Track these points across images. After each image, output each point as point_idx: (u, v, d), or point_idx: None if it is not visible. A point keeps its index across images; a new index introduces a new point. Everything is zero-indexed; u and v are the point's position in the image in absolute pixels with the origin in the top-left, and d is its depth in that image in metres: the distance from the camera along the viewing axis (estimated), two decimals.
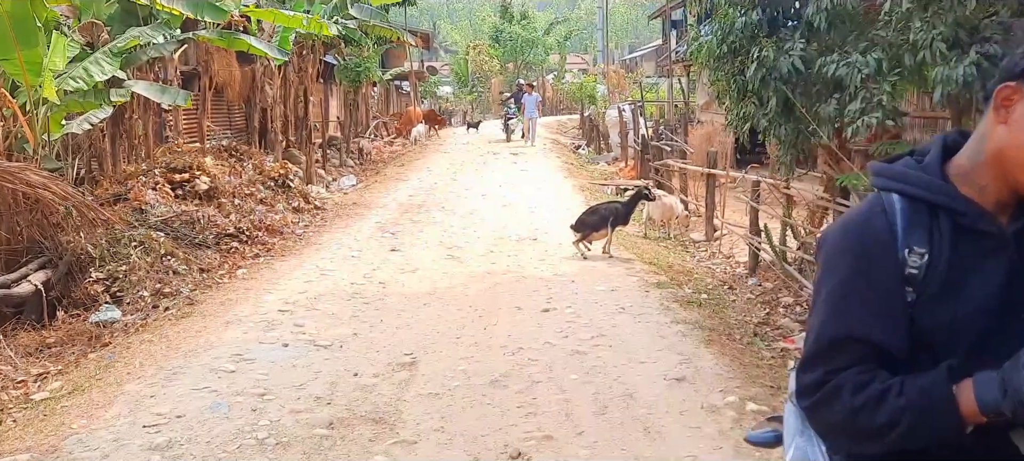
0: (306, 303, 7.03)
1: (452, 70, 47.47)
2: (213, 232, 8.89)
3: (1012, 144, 1.31)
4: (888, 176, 1.46)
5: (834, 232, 1.49)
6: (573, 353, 5.71)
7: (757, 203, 8.75)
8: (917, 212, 1.40)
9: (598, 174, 17.87)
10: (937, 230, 1.38)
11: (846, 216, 1.50)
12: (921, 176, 1.42)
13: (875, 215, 1.42)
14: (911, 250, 1.37)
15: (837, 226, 1.50)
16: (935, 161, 1.43)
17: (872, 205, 1.45)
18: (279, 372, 5.37)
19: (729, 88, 6.99)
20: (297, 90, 17.26)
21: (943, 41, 5.43)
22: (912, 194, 1.41)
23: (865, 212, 1.45)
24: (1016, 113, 1.31)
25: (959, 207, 1.37)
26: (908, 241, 1.38)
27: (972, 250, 1.37)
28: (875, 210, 1.43)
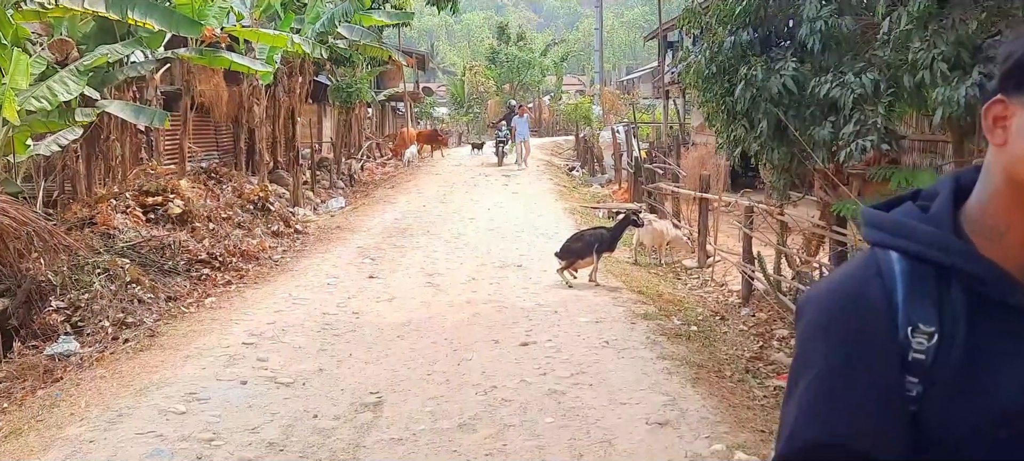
0: (273, 335, 6.66)
1: (448, 91, 47.28)
2: (184, 258, 8.53)
3: (1016, 161, 1.02)
4: (885, 228, 1.12)
5: (816, 301, 1.13)
6: (550, 392, 5.34)
7: (751, 229, 8.41)
8: (922, 277, 1.07)
9: (590, 197, 17.54)
10: (949, 301, 1.05)
11: (831, 280, 1.16)
12: (927, 230, 1.08)
13: (868, 281, 1.08)
14: (915, 328, 1.05)
15: (820, 293, 1.15)
16: (945, 208, 1.10)
17: (865, 267, 1.11)
18: (233, 414, 5.00)
19: (718, 110, 6.67)
20: (286, 110, 16.99)
21: (944, 61, 5.11)
22: (916, 253, 1.08)
23: (856, 277, 1.11)
24: (1013, 127, 1.04)
25: (978, 271, 1.04)
26: (911, 316, 1.05)
27: (998, 328, 1.03)
28: (868, 274, 1.09)
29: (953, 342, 1.04)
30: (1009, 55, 1.06)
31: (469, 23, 79.96)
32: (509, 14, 79.37)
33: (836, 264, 6.54)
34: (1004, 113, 1.04)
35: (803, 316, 1.14)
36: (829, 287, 1.13)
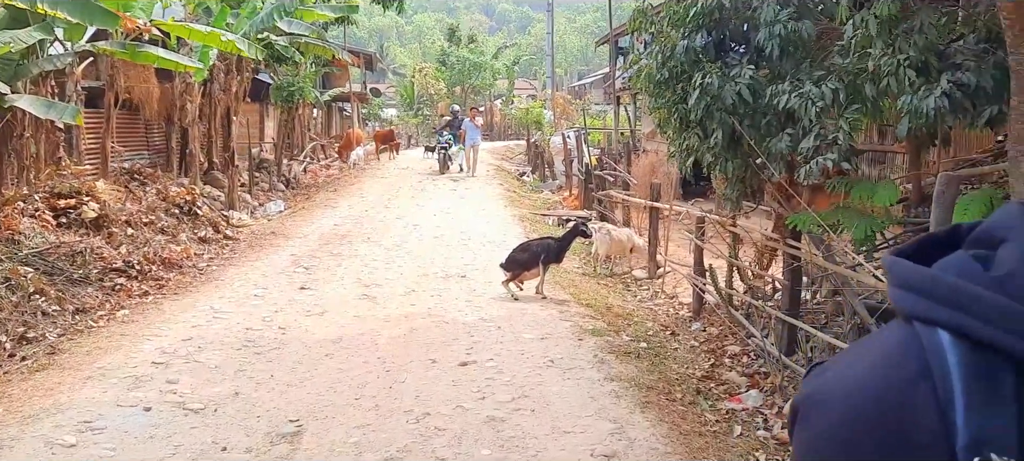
0: (187, 353, 6.08)
1: (398, 92, 46.58)
2: (97, 266, 7.86)
3: None
4: (936, 296, 0.69)
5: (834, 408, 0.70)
6: (488, 420, 4.90)
7: (702, 240, 8.09)
8: (995, 377, 0.65)
9: (541, 203, 17.16)
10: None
11: (853, 375, 0.71)
12: (1007, 305, 0.66)
13: (911, 385, 0.66)
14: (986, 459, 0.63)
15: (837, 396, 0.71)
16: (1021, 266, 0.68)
17: (903, 358, 0.68)
18: (131, 445, 4.45)
19: (670, 117, 6.32)
20: (222, 109, 16.25)
21: (912, 68, 4.82)
22: (987, 339, 0.66)
23: (891, 375, 0.68)
24: None
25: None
26: (978, 442, 0.64)
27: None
28: (909, 373, 0.67)
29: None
30: None
31: (420, 24, 79.35)
32: (461, 16, 78.97)
33: (789, 279, 6.24)
34: None
35: (810, 422, 0.72)
36: (855, 385, 0.71)
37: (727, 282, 7.50)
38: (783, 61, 5.79)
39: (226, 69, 15.93)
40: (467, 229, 12.40)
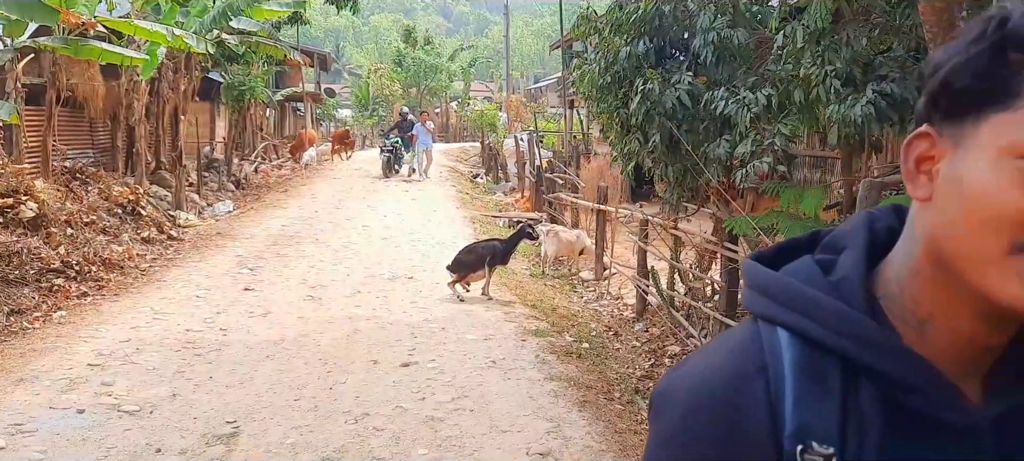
0: (125, 354, 6.01)
1: (353, 93, 46.24)
2: (34, 267, 7.69)
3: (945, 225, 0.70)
4: (775, 296, 0.77)
5: (677, 403, 0.78)
6: (427, 420, 4.95)
7: (645, 242, 8.24)
8: (822, 373, 0.73)
9: (493, 205, 17.23)
10: (856, 410, 0.73)
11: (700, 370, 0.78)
12: (834, 307, 0.74)
13: (747, 382, 0.74)
14: (807, 448, 0.71)
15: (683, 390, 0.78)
16: (857, 272, 0.76)
17: (744, 355, 0.76)
18: (61, 448, 4.39)
19: (612, 121, 6.44)
20: (170, 108, 15.98)
21: (837, 77, 5.00)
22: (817, 339, 0.74)
23: (730, 372, 0.75)
24: (940, 177, 0.71)
25: (904, 375, 0.72)
26: (803, 431, 0.72)
27: (920, 450, 0.73)
28: (748, 369, 0.75)
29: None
30: (936, 69, 0.73)
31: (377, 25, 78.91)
32: (418, 18, 78.74)
33: (727, 281, 6.40)
34: (930, 152, 0.73)
35: (661, 415, 0.79)
36: (698, 380, 0.78)
37: (669, 284, 7.65)
38: (719, 68, 5.95)
39: (174, 67, 15.67)
40: (417, 230, 12.41)
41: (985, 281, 0.67)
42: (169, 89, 15.80)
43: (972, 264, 0.68)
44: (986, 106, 0.68)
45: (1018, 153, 0.65)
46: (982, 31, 0.69)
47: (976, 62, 0.68)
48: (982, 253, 0.67)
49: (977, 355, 0.74)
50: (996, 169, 0.66)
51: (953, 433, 0.72)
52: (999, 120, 0.67)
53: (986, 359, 0.75)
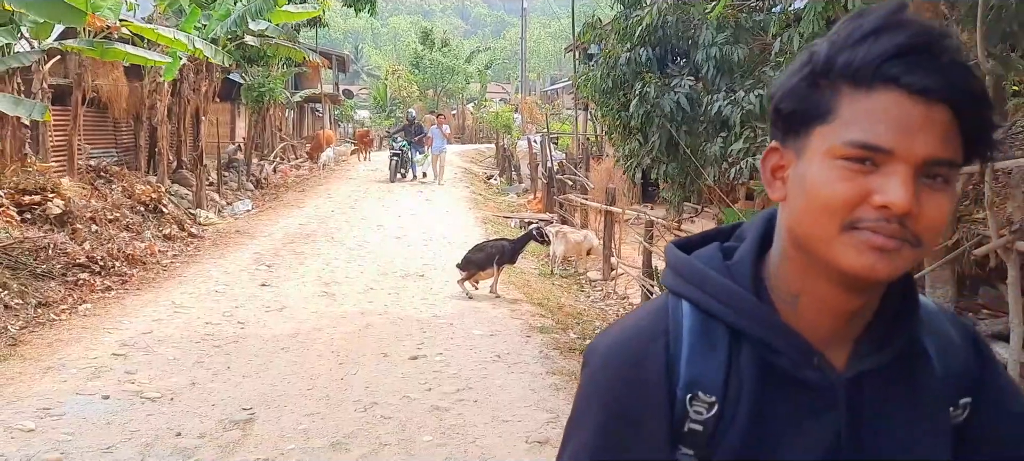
0: (147, 345, 6.30)
1: (371, 94, 46.66)
2: (61, 262, 8.02)
3: (795, 218, 0.89)
4: (681, 273, 0.98)
5: (599, 355, 0.99)
6: (433, 409, 5.19)
7: (650, 243, 8.44)
8: (712, 337, 0.94)
9: (505, 206, 17.47)
10: (737, 368, 0.93)
11: (620, 329, 1.00)
12: (723, 284, 0.95)
13: (653, 339, 0.95)
14: (694, 397, 0.92)
15: (604, 345, 0.99)
16: (748, 258, 0.97)
17: (654, 319, 0.97)
18: (88, 431, 4.67)
19: (615, 124, 6.67)
20: (192, 109, 16.35)
21: None
22: (706, 308, 0.95)
23: (642, 331, 0.97)
24: (790, 180, 0.90)
25: (770, 339, 0.92)
26: (692, 382, 0.93)
27: (786, 402, 0.92)
28: (655, 329, 0.96)
29: (735, 414, 0.92)
30: (772, 96, 0.92)
31: (395, 27, 79.30)
32: (436, 20, 79.12)
33: None
34: (781, 162, 0.92)
35: (586, 365, 1.00)
36: (614, 339, 0.99)
37: None
38: (718, 79, 6.17)
39: (196, 69, 16.03)
40: (430, 230, 12.68)
41: (829, 254, 0.85)
42: (191, 90, 16.15)
43: (819, 243, 0.86)
44: (811, 122, 0.87)
45: (836, 155, 0.84)
46: (802, 63, 0.89)
47: (797, 89, 0.88)
48: (823, 233, 0.85)
49: (841, 322, 0.92)
50: (824, 169, 0.85)
51: (811, 389, 0.92)
52: (821, 131, 0.86)
53: (852, 327, 0.93)
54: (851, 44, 0.85)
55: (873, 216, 0.83)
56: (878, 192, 0.83)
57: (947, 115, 0.84)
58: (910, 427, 0.95)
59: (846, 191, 0.84)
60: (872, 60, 0.84)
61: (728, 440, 0.92)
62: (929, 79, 0.82)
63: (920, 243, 0.85)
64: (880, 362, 0.94)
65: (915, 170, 0.83)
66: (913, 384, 0.96)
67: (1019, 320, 4.61)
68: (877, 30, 0.84)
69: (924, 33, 0.84)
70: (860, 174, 0.84)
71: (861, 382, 0.93)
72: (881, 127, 0.83)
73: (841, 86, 0.85)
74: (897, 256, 0.84)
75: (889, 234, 0.83)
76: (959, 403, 0.99)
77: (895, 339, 0.95)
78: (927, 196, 0.84)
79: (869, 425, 0.94)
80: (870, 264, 0.84)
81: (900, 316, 0.95)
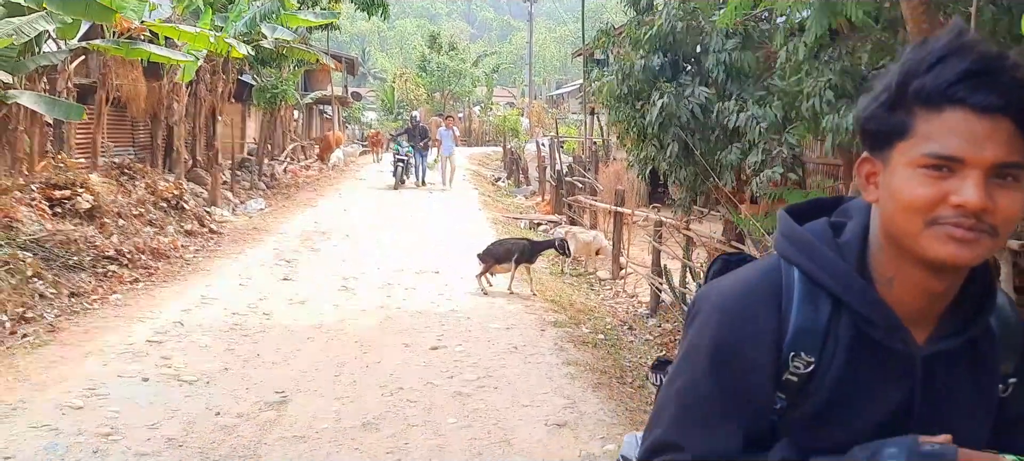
0: (179, 334, 6.59)
1: (378, 97, 47.00)
2: (91, 254, 8.32)
3: (887, 216, 1.07)
4: (796, 244, 1.14)
5: (713, 303, 1.15)
6: (455, 394, 5.47)
7: (659, 243, 8.71)
8: (818, 307, 1.11)
9: (513, 207, 17.76)
10: (835, 336, 1.10)
11: (733, 283, 1.17)
12: (834, 261, 1.11)
13: (766, 299, 1.12)
14: (797, 355, 1.10)
15: (718, 295, 1.16)
16: (856, 238, 1.12)
17: (768, 280, 1.14)
18: (132, 410, 4.95)
19: (629, 129, 6.95)
20: (207, 109, 16.67)
21: (830, 89, 5.48)
22: (818, 281, 1.11)
23: (756, 289, 1.13)
24: (881, 186, 1.08)
25: (869, 314, 1.09)
26: (796, 341, 1.10)
27: (871, 366, 1.10)
28: (768, 291, 1.12)
29: (827, 371, 1.09)
30: (859, 118, 1.09)
31: (402, 30, 79.57)
32: (443, 23, 79.43)
33: None
34: (873, 170, 1.08)
35: (698, 313, 1.17)
36: (728, 293, 1.15)
37: (681, 282, 8.12)
38: (728, 83, 6.44)
39: (212, 70, 16.35)
40: (442, 230, 12.97)
41: (917, 246, 1.02)
42: (206, 91, 16.48)
43: (906, 237, 1.03)
44: (893, 138, 1.04)
45: (916, 165, 1.01)
46: (880, 90, 1.06)
47: (879, 114, 1.05)
48: (910, 229, 1.02)
49: (927, 302, 1.08)
50: (907, 177, 1.02)
51: (896, 358, 1.09)
52: (901, 146, 1.03)
53: (935, 307, 1.09)
54: (921, 72, 1.01)
55: (952, 213, 0.99)
56: (955, 194, 0.98)
57: (1010, 126, 0.99)
58: (969, 400, 1.13)
59: (927, 194, 1.00)
60: (940, 85, 1.00)
61: (818, 392, 1.09)
62: (990, 98, 0.98)
63: (997, 233, 1.01)
64: (956, 344, 1.11)
65: (985, 173, 0.99)
66: (978, 363, 1.14)
67: None
68: (943, 57, 1.00)
69: (984, 57, 0.99)
70: (939, 179, 1.00)
71: (936, 359, 1.11)
72: (953, 140, 0.99)
73: (915, 108, 1.02)
74: (977, 245, 1.00)
75: (968, 227, 0.99)
76: (1008, 381, 1.17)
77: (971, 327, 1.11)
78: (999, 193, 0.99)
79: (938, 396, 1.11)
80: (953, 252, 1.00)
81: (978, 305, 1.12)
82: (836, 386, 1.10)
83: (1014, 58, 1.01)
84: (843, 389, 1.10)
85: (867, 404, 1.10)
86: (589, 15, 25.61)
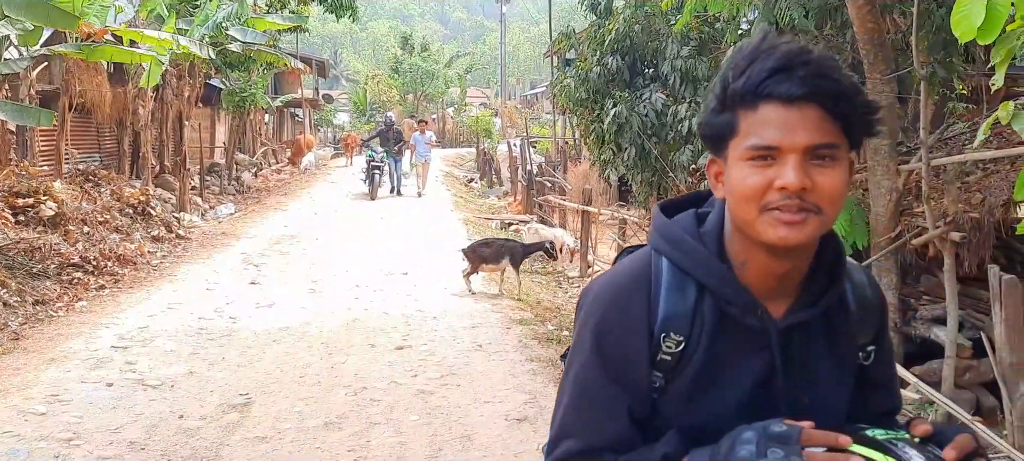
0: (144, 339, 6.61)
1: (350, 99, 46.86)
2: (55, 261, 8.29)
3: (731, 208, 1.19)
4: (664, 236, 1.26)
5: (593, 296, 1.26)
6: (418, 393, 5.55)
7: (623, 240, 8.85)
8: (684, 290, 1.22)
9: (486, 208, 17.85)
10: (701, 317, 1.21)
11: (611, 276, 1.28)
12: (696, 249, 1.23)
13: (639, 288, 1.23)
14: (667, 335, 1.21)
15: (598, 289, 1.27)
16: (715, 227, 1.24)
17: (641, 270, 1.25)
18: (95, 414, 4.99)
19: (589, 132, 7.08)
20: (174, 114, 16.57)
21: None
22: (683, 268, 1.22)
23: (629, 280, 1.25)
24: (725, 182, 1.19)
25: (726, 294, 1.20)
26: (666, 323, 1.21)
27: (734, 342, 1.21)
28: (640, 282, 1.24)
29: (696, 349, 1.20)
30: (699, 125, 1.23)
31: (374, 32, 79.34)
32: (416, 24, 79.31)
33: None
34: (718, 170, 1.20)
35: (582, 306, 1.28)
36: (606, 284, 1.27)
37: None
38: (683, 88, 6.58)
39: (178, 74, 16.26)
40: (412, 230, 13.03)
41: (755, 232, 1.13)
42: (173, 95, 16.39)
43: (747, 225, 1.14)
44: (726, 138, 1.16)
45: (744, 158, 1.12)
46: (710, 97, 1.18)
47: (711, 119, 1.18)
48: (748, 217, 1.14)
49: (779, 281, 1.19)
50: (739, 170, 1.13)
51: (755, 333, 1.20)
52: (733, 144, 1.15)
53: (787, 284, 1.20)
54: (736, 76, 1.13)
55: (778, 197, 1.10)
56: (777, 178, 1.10)
57: (818, 111, 1.10)
58: (828, 367, 1.24)
59: (756, 182, 1.12)
60: (752, 84, 1.12)
61: (689, 368, 1.20)
62: (795, 88, 1.09)
63: (821, 210, 1.11)
64: (812, 315, 1.22)
65: (801, 157, 1.09)
66: (834, 334, 1.25)
67: (954, 305, 5.07)
68: (752, 60, 1.12)
69: (788, 54, 1.11)
70: (764, 168, 1.11)
71: (793, 331, 1.21)
72: (769, 131, 1.11)
73: (737, 109, 1.14)
74: (805, 225, 1.11)
75: (793, 209, 1.10)
76: (867, 349, 1.29)
77: (824, 298, 1.22)
78: (818, 173, 1.10)
79: (797, 365, 1.21)
80: (783, 235, 1.11)
81: (830, 277, 1.23)
82: (705, 362, 1.20)
83: (817, 53, 1.12)
84: (711, 365, 1.20)
85: (733, 377, 1.21)
86: (562, 15, 25.76)
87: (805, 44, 1.15)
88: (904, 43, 5.98)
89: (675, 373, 1.21)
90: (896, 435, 1.15)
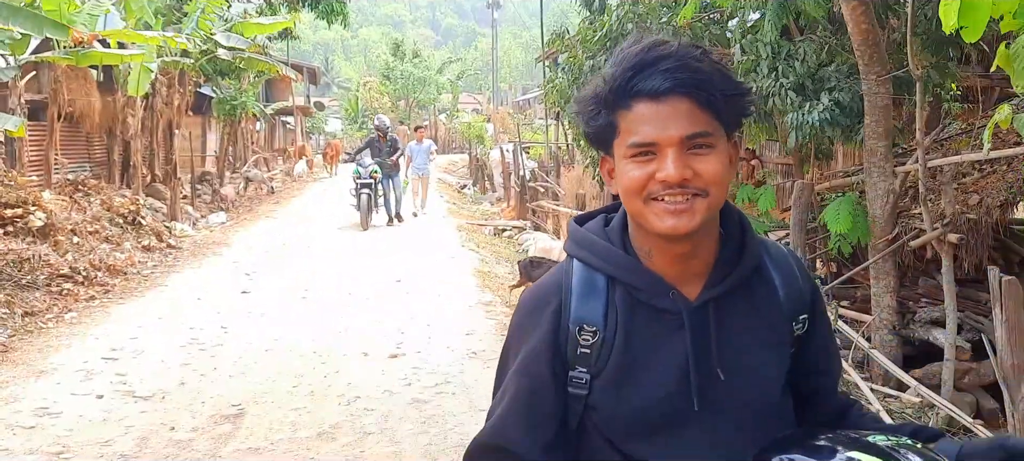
0: (135, 350, 6.53)
1: (342, 106, 46.78)
2: (44, 272, 8.20)
3: (624, 203, 1.25)
4: (575, 241, 1.34)
5: (520, 301, 1.36)
6: (413, 401, 5.49)
7: None
8: (595, 284, 1.28)
9: (479, 214, 17.80)
10: (613, 305, 1.26)
11: (536, 284, 1.37)
12: (603, 246, 1.29)
13: (553, 290, 1.30)
14: (582, 328, 1.26)
15: (523, 297, 1.36)
16: (619, 224, 1.32)
17: (557, 276, 1.32)
18: (85, 428, 4.91)
19: (581, 133, 7.04)
20: (164, 122, 16.48)
21: (792, 89, 5.62)
22: (590, 264, 1.29)
23: (546, 285, 1.32)
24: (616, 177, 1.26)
25: (633, 281, 1.26)
26: (580, 318, 1.26)
27: (649, 327, 1.26)
28: (555, 284, 1.31)
29: (614, 340, 1.25)
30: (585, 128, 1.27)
31: (366, 38, 79.39)
32: (407, 31, 79.38)
33: None
34: (610, 167, 1.27)
35: (515, 315, 1.36)
36: (530, 292, 1.36)
37: None
38: None
39: (169, 83, 16.18)
40: (405, 238, 12.95)
41: (645, 222, 1.21)
42: (163, 104, 16.30)
43: (638, 216, 1.22)
44: (610, 138, 1.23)
45: (627, 156, 1.19)
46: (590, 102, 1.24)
47: (593, 122, 1.24)
48: (636, 209, 1.21)
49: (684, 264, 1.25)
50: (624, 167, 1.20)
51: (667, 315, 1.25)
52: (617, 143, 1.22)
53: (695, 266, 1.26)
54: (609, 79, 1.19)
55: (660, 188, 1.17)
56: (658, 171, 1.16)
57: (688, 102, 1.16)
58: (755, 340, 1.28)
59: (638, 176, 1.18)
60: (622, 85, 1.18)
61: (609, 357, 1.24)
62: (661, 83, 1.15)
63: (707, 194, 1.18)
64: (724, 291, 1.26)
65: (678, 149, 1.16)
66: (757, 306, 1.29)
67: (953, 306, 5.04)
68: (619, 64, 1.18)
69: (651, 50, 1.16)
70: (646, 163, 1.17)
71: (707, 308, 1.25)
72: (645, 128, 1.17)
73: (615, 111, 1.20)
74: (692, 212, 1.17)
75: (680, 199, 1.16)
76: (799, 319, 1.32)
77: (735, 272, 1.27)
78: (697, 161, 1.16)
79: (719, 340, 1.25)
80: (672, 224, 1.18)
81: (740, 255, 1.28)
82: (624, 350, 1.25)
83: (681, 46, 1.18)
84: (630, 352, 1.25)
85: (653, 361, 1.25)
86: (554, 19, 25.75)
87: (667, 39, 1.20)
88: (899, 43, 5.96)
89: (597, 365, 1.25)
90: (898, 441, 1.15)
